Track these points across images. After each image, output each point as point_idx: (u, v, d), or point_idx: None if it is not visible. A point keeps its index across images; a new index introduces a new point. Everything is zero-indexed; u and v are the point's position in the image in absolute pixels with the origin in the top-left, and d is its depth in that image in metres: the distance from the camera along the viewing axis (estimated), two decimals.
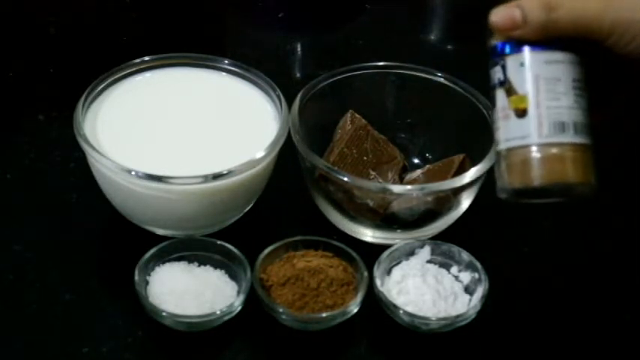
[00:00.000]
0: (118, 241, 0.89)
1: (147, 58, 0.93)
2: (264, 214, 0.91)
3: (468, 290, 0.84)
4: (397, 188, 0.86)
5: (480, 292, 0.83)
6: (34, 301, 0.84)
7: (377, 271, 0.83)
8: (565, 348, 0.83)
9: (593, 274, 0.89)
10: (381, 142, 0.92)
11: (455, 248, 0.85)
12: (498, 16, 0.71)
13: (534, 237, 0.92)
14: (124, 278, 0.83)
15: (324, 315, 0.81)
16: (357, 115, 0.93)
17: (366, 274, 0.83)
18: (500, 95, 0.73)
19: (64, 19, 1.14)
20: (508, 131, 0.72)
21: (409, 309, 0.81)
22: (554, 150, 0.71)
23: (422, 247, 0.86)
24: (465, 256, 0.85)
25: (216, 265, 0.84)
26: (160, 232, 0.88)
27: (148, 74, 0.93)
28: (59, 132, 0.97)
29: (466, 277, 0.85)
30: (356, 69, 0.94)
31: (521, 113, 0.72)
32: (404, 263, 0.85)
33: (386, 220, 0.88)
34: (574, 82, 0.72)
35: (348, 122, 0.92)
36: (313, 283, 0.82)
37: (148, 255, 0.83)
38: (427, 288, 0.83)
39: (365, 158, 0.91)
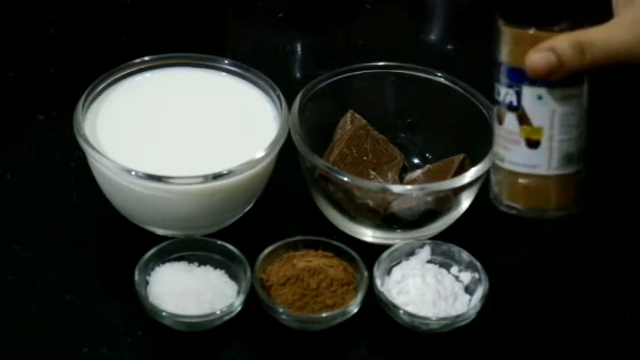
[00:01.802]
0: (118, 241, 0.89)
1: (147, 58, 0.93)
2: (264, 214, 0.91)
3: (468, 290, 0.84)
4: (397, 188, 0.86)
5: (479, 292, 0.83)
6: (34, 301, 0.84)
7: (377, 271, 0.83)
8: (565, 348, 0.83)
9: (593, 274, 0.89)
10: (381, 142, 0.92)
11: (455, 248, 0.85)
12: (535, 62, 0.71)
13: (534, 237, 0.92)
14: (124, 278, 0.83)
15: (324, 315, 0.81)
16: (357, 115, 0.93)
17: (366, 274, 0.83)
18: (510, 118, 0.74)
19: (64, 19, 1.14)
20: (516, 156, 0.74)
21: (409, 309, 0.81)
22: (560, 180, 0.75)
23: (422, 247, 0.86)
24: (465, 256, 0.85)
25: (216, 265, 0.84)
26: (160, 232, 0.88)
27: (148, 74, 0.93)
28: (59, 132, 0.97)
29: (466, 277, 0.85)
30: (356, 69, 0.94)
31: (533, 144, 0.74)
32: (404, 263, 0.85)
33: (386, 220, 0.88)
34: (583, 112, 0.74)
35: (348, 122, 0.92)
36: (313, 283, 0.82)
37: (148, 255, 0.83)
38: (427, 288, 0.83)
39: (365, 158, 0.91)
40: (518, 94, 0.73)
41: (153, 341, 0.82)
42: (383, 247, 0.85)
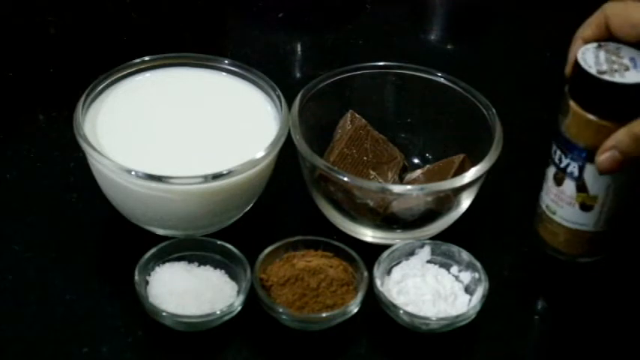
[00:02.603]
0: (118, 241, 0.89)
1: (147, 58, 0.93)
2: (264, 214, 0.91)
3: (468, 290, 0.84)
4: (397, 188, 0.86)
5: (479, 292, 0.83)
6: (34, 301, 0.84)
7: (377, 271, 0.83)
8: (565, 348, 0.83)
9: (592, 273, 0.89)
10: (381, 142, 0.93)
11: (455, 248, 0.85)
12: (603, 164, 0.78)
13: (534, 237, 0.92)
14: (124, 278, 0.83)
15: (324, 315, 0.81)
16: (357, 115, 0.93)
17: (366, 274, 0.83)
18: (569, 184, 0.82)
19: (64, 19, 1.14)
20: (569, 215, 0.84)
21: (409, 309, 0.81)
22: (603, 236, 0.84)
23: (422, 247, 0.86)
24: (465, 256, 0.85)
25: (216, 265, 0.84)
26: (160, 232, 0.88)
27: (147, 74, 0.93)
28: (59, 132, 0.97)
29: (466, 277, 0.85)
30: (356, 69, 0.94)
31: (587, 208, 0.83)
32: (404, 263, 0.85)
33: (386, 220, 0.88)
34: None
35: (348, 122, 0.92)
36: (313, 283, 0.82)
37: (148, 255, 0.83)
38: (427, 288, 0.83)
39: (365, 158, 0.91)
40: (581, 169, 0.81)
41: (153, 341, 0.82)
42: (383, 247, 0.85)
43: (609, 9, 0.80)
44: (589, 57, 0.78)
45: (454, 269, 0.85)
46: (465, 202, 0.88)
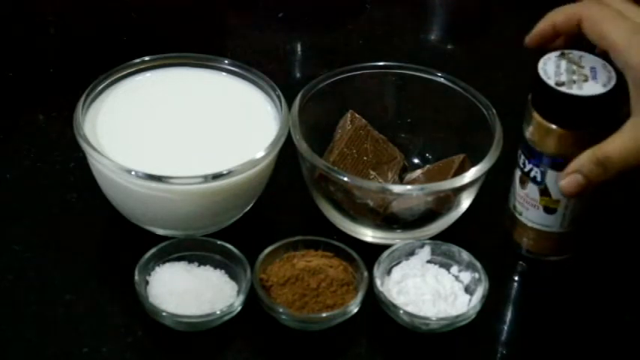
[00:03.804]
0: (118, 241, 0.89)
1: (147, 58, 0.93)
2: (264, 214, 0.91)
3: (468, 290, 0.84)
4: (397, 188, 0.86)
5: (479, 292, 0.83)
6: (34, 301, 0.84)
7: (377, 271, 0.83)
8: (565, 348, 0.83)
9: (592, 273, 0.89)
10: (381, 142, 0.93)
11: (455, 248, 0.85)
12: (567, 187, 0.78)
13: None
14: (124, 278, 0.83)
15: (324, 315, 0.81)
16: (357, 115, 0.93)
17: (366, 274, 0.83)
18: (532, 187, 0.84)
19: (64, 19, 1.14)
20: (534, 217, 0.85)
21: (409, 309, 0.81)
22: (568, 236, 0.86)
23: (422, 247, 0.86)
24: (465, 256, 0.85)
25: (216, 265, 0.84)
26: (160, 232, 0.88)
27: (148, 74, 0.93)
28: (59, 132, 0.97)
29: (466, 277, 0.85)
30: (356, 69, 0.94)
31: (550, 211, 0.84)
32: (404, 263, 0.85)
33: (386, 220, 0.88)
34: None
35: (348, 122, 0.92)
36: (313, 283, 0.82)
37: (148, 255, 0.83)
38: (427, 288, 0.83)
39: (365, 158, 0.91)
40: (543, 174, 0.82)
41: (153, 341, 0.82)
42: (383, 247, 0.85)
43: (587, 9, 0.79)
44: (550, 67, 0.80)
45: (454, 269, 0.85)
46: (465, 202, 0.88)
